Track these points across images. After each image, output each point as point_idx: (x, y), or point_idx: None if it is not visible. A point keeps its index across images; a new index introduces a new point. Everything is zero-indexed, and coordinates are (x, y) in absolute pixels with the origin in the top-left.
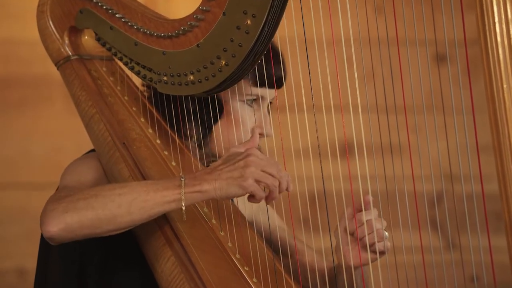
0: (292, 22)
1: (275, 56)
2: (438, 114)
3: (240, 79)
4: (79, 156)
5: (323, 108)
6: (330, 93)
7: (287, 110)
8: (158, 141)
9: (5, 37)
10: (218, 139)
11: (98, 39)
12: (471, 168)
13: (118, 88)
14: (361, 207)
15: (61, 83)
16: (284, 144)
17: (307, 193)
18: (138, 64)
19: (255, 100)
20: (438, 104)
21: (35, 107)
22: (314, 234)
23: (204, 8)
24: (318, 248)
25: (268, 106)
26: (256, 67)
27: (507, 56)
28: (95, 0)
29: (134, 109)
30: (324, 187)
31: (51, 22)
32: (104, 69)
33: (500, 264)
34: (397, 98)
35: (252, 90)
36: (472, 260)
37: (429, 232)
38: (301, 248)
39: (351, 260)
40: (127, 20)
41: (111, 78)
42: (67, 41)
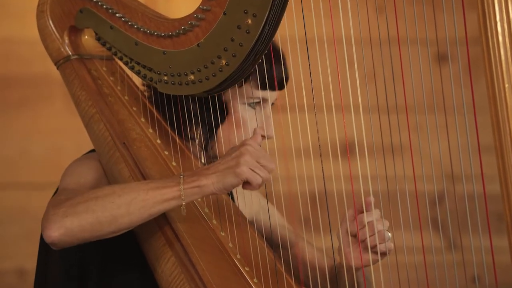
0: (293, 22)
1: (278, 58)
2: (440, 114)
3: (241, 78)
4: (79, 157)
5: (324, 108)
6: (331, 92)
7: (288, 110)
8: (158, 141)
9: (5, 36)
10: (222, 141)
11: (98, 39)
12: (473, 168)
13: (118, 87)
14: (362, 209)
15: (61, 82)
16: (285, 144)
17: (308, 193)
18: (138, 63)
19: (258, 102)
20: (440, 104)
21: (35, 106)
22: (315, 234)
23: (204, 7)
24: (319, 248)
25: (269, 107)
26: (259, 69)
27: (509, 55)
28: (95, 0)
29: (135, 109)
30: (325, 187)
31: (51, 22)
32: (104, 68)
33: (502, 264)
34: (398, 97)
35: (256, 93)
36: (473, 261)
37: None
38: (302, 245)
39: (353, 261)
40: (127, 19)
41: (111, 78)
42: (67, 40)
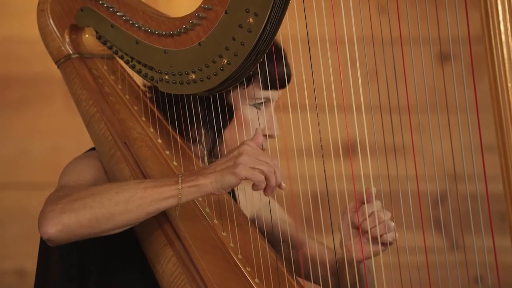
0: (295, 21)
1: (280, 56)
2: (442, 114)
3: (243, 77)
4: (79, 155)
5: (326, 107)
6: (333, 92)
7: (289, 110)
8: (159, 140)
9: (5, 35)
10: (228, 144)
11: (99, 38)
12: (475, 168)
13: (119, 87)
14: (364, 200)
15: (61, 81)
16: (287, 143)
17: (310, 193)
18: (139, 62)
19: (262, 102)
20: (442, 104)
21: (35, 106)
22: (317, 234)
23: (206, 6)
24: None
25: (270, 106)
26: (263, 69)
27: None
28: None
29: (135, 108)
30: (327, 187)
31: (51, 20)
32: (105, 67)
33: (505, 264)
34: (400, 97)
35: (263, 94)
36: (476, 261)
37: (432, 232)
38: (303, 239)
39: (354, 254)
40: (128, 18)
41: (112, 77)
42: (67, 39)
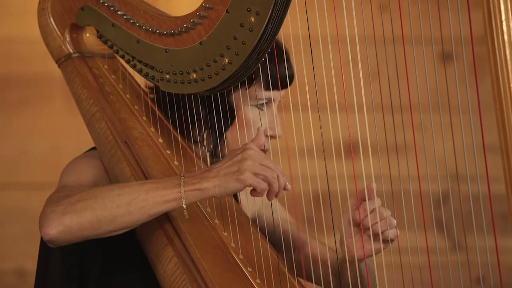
0: (296, 20)
1: (283, 56)
2: (444, 113)
3: (244, 77)
4: (79, 154)
5: (328, 107)
6: (335, 92)
7: (291, 109)
8: (160, 140)
9: (4, 35)
10: (230, 144)
11: (100, 37)
12: (478, 168)
13: (120, 86)
14: (364, 197)
15: (61, 81)
16: (288, 143)
17: (311, 193)
18: (140, 62)
19: (265, 103)
20: (444, 103)
21: (35, 106)
22: (319, 234)
23: (207, 5)
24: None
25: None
26: (265, 69)
27: None
28: None
29: (136, 107)
30: (328, 187)
31: (52, 19)
32: (105, 67)
33: (507, 265)
34: (402, 97)
35: (264, 94)
36: (478, 261)
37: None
38: (305, 239)
39: (355, 252)
40: (129, 17)
41: (113, 76)
42: (68, 38)
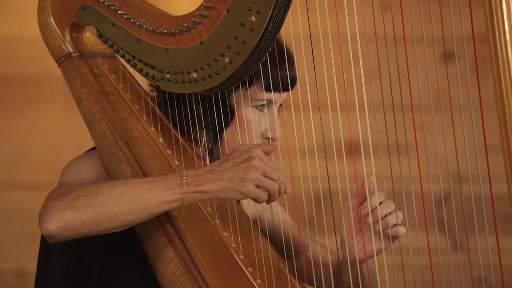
0: (298, 19)
1: (288, 58)
2: (446, 113)
3: (245, 77)
4: (80, 154)
5: (329, 106)
6: (336, 91)
7: (292, 109)
8: (161, 139)
9: (4, 35)
10: (229, 145)
11: (100, 36)
12: (479, 168)
13: (120, 85)
14: (364, 193)
15: (61, 81)
16: (289, 143)
17: (312, 193)
18: (140, 61)
19: (265, 104)
20: (446, 103)
21: (35, 106)
22: (320, 234)
23: (207, 4)
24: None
25: (273, 108)
26: (265, 70)
27: None
28: None
29: (137, 107)
30: (329, 187)
31: (52, 19)
32: (106, 66)
33: (508, 265)
34: (404, 96)
35: (263, 95)
36: (480, 262)
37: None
38: (306, 242)
39: (357, 253)
40: (129, 16)
41: (113, 76)
42: (68, 37)
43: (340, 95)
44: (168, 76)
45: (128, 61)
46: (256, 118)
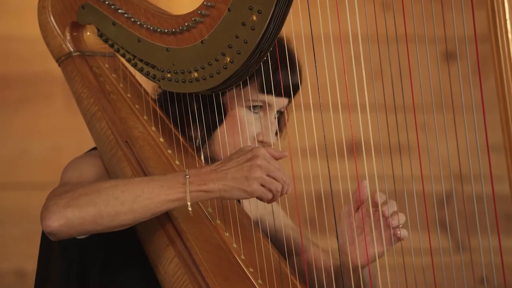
0: (299, 19)
1: (290, 64)
2: (448, 113)
3: (246, 76)
4: (81, 154)
5: (330, 106)
6: (337, 91)
7: (293, 109)
8: (161, 139)
9: (4, 35)
10: (218, 143)
11: (100, 35)
12: (481, 168)
13: (121, 85)
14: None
15: (61, 81)
16: (290, 143)
17: (313, 193)
18: (141, 60)
19: (261, 107)
20: (448, 103)
21: (34, 105)
22: (321, 234)
23: (208, 3)
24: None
25: (275, 114)
26: (264, 72)
27: None
28: None
29: (137, 106)
30: (331, 187)
31: (52, 18)
32: (106, 65)
33: (511, 265)
34: (405, 96)
35: (259, 97)
36: (482, 262)
37: (438, 233)
38: (307, 245)
39: (359, 259)
40: (130, 15)
41: (113, 75)
42: (68, 37)
43: (342, 95)
44: (168, 75)
45: (128, 60)
46: (250, 119)
